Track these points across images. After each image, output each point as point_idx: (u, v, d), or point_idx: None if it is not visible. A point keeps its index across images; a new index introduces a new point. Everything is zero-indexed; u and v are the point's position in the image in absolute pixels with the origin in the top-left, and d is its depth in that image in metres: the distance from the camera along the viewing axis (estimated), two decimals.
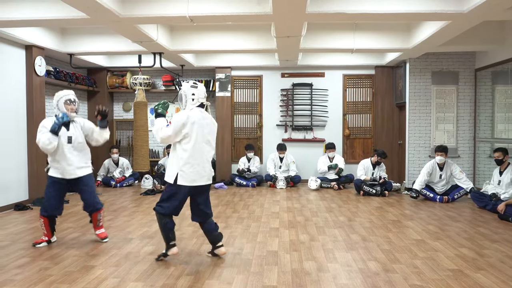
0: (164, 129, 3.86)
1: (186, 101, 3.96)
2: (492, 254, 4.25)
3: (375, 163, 7.98)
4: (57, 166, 4.46)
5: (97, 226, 4.70)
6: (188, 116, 3.85)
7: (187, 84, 4.01)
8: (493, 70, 7.75)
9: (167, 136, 3.85)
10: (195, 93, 3.96)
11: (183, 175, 3.84)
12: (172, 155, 3.96)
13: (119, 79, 9.77)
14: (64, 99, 4.47)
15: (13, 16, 5.54)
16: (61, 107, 4.47)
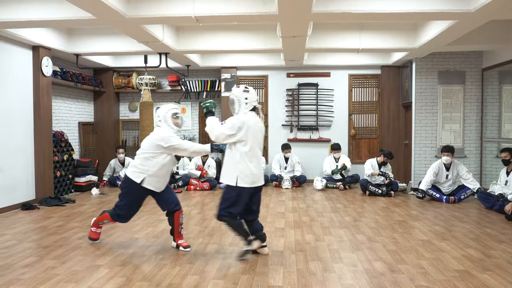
0: (219, 127, 3.94)
1: (239, 106, 4.04)
2: (499, 255, 4.22)
3: (381, 163, 7.95)
4: (155, 180, 4.24)
5: (179, 234, 4.43)
6: (243, 121, 3.93)
7: (239, 89, 4.09)
8: (500, 69, 7.70)
9: (223, 134, 3.92)
10: (248, 97, 4.04)
11: (244, 177, 3.92)
12: (228, 157, 4.01)
13: (125, 79, 9.80)
14: (172, 112, 4.35)
15: (20, 17, 5.57)
16: (168, 120, 4.34)
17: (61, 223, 5.60)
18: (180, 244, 4.38)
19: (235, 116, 4.02)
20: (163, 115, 4.32)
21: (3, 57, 6.40)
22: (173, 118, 4.34)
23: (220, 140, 3.98)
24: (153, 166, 4.20)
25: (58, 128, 8.21)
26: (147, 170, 4.19)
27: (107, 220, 4.45)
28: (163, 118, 4.32)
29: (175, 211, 4.37)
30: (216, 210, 4.13)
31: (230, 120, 3.96)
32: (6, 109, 6.44)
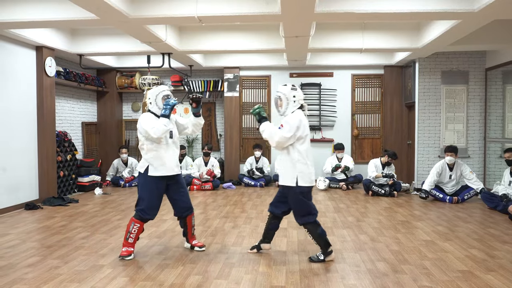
0: (278, 132, 3.86)
1: (287, 104, 3.98)
2: (502, 255, 4.20)
3: (385, 163, 7.94)
4: (159, 163, 4.06)
5: (193, 235, 4.39)
6: (300, 119, 3.89)
7: (286, 87, 4.03)
8: (503, 69, 7.67)
9: (285, 139, 3.84)
10: (296, 95, 3.99)
11: (303, 176, 3.88)
12: (285, 158, 3.94)
13: (128, 80, 9.83)
14: (162, 94, 4.16)
15: (23, 17, 5.59)
16: (159, 102, 4.15)
17: (64, 223, 5.62)
18: (195, 245, 4.35)
19: (290, 116, 3.92)
20: (153, 99, 4.16)
21: (6, 57, 6.42)
22: (163, 100, 4.16)
23: (282, 145, 3.88)
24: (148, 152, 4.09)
25: (62, 128, 8.24)
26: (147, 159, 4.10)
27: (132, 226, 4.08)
28: (154, 102, 4.16)
29: (187, 216, 4.30)
30: (295, 216, 4.02)
31: (286, 122, 3.87)
32: (10, 109, 6.47)
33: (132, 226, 4.07)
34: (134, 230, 4.07)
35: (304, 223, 3.98)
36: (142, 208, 4.07)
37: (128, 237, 4.07)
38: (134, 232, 4.07)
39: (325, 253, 3.99)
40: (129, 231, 4.07)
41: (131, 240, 4.08)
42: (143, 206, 4.06)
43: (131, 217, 4.12)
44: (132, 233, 4.07)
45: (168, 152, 4.13)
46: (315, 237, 3.98)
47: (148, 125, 4.00)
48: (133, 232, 4.07)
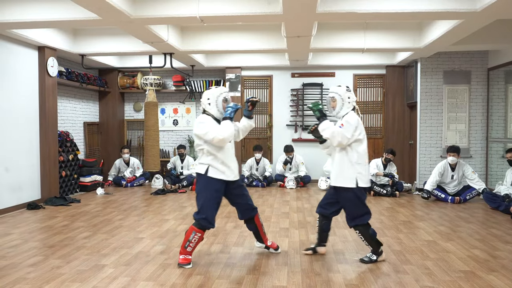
0: (340, 131, 3.81)
1: (342, 105, 3.95)
2: (505, 255, 4.19)
3: (386, 161, 7.94)
4: (221, 166, 3.86)
5: (265, 234, 4.26)
6: (357, 119, 3.89)
7: (342, 88, 4.00)
8: (506, 69, 7.65)
9: (346, 138, 3.81)
10: (350, 97, 3.97)
11: (362, 177, 3.87)
12: (344, 159, 3.89)
13: (130, 80, 9.83)
14: (223, 96, 3.96)
15: (25, 17, 5.61)
16: (220, 104, 3.93)
17: (66, 223, 5.63)
18: (270, 246, 4.26)
19: (349, 116, 3.89)
20: (214, 100, 3.93)
21: (9, 57, 6.44)
22: (223, 102, 3.96)
23: (342, 145, 3.84)
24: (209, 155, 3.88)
25: (64, 128, 8.25)
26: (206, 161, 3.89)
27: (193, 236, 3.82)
28: (215, 103, 3.93)
29: (254, 215, 4.14)
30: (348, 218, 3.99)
31: (347, 122, 3.84)
32: (12, 109, 6.48)
33: (193, 235, 3.80)
34: (194, 240, 3.82)
35: (356, 225, 3.94)
36: (204, 217, 3.79)
37: (187, 246, 3.83)
38: (194, 241, 3.82)
39: (377, 253, 3.98)
40: (188, 240, 3.81)
41: (189, 249, 3.85)
42: (206, 215, 3.79)
43: (191, 226, 3.84)
44: (192, 242, 3.82)
45: (228, 155, 3.94)
46: (367, 238, 3.94)
47: (208, 128, 3.78)
48: (193, 241, 3.82)
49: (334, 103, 3.99)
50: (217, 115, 3.94)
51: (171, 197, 7.65)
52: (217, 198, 3.88)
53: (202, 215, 3.80)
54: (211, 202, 3.83)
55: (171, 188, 8.29)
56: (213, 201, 3.84)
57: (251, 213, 4.12)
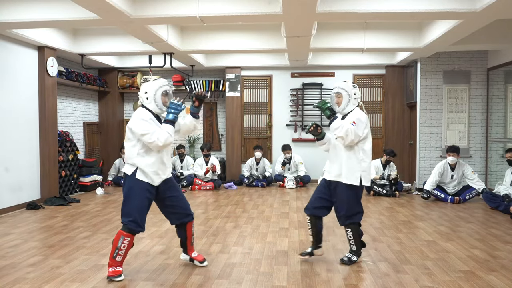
0: (352, 129, 3.71)
1: (348, 101, 3.88)
2: (504, 255, 4.19)
3: (385, 162, 7.94)
4: (153, 169, 3.53)
5: (192, 245, 3.87)
6: (366, 117, 3.85)
7: (348, 84, 3.93)
8: (506, 69, 7.66)
9: (358, 137, 3.74)
10: (356, 93, 3.91)
11: (366, 175, 3.83)
12: (351, 157, 3.81)
13: (129, 80, 9.84)
14: (162, 90, 3.64)
15: (25, 17, 5.60)
16: (159, 99, 3.61)
17: (66, 223, 5.62)
18: (195, 258, 3.86)
19: (359, 114, 3.82)
20: (152, 94, 3.60)
21: (8, 57, 6.43)
22: (162, 96, 3.65)
23: (354, 143, 3.76)
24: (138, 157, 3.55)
25: (63, 128, 8.25)
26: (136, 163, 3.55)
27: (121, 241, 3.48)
28: (153, 98, 3.60)
29: (187, 222, 3.78)
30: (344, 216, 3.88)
31: (359, 119, 3.77)
32: (12, 109, 6.47)
33: (122, 241, 3.45)
34: (123, 246, 3.46)
35: (350, 223, 3.89)
36: (133, 220, 3.46)
37: (116, 255, 3.47)
38: (124, 248, 3.47)
39: (358, 255, 3.96)
40: (117, 248, 3.46)
41: (119, 258, 3.49)
42: (134, 217, 3.46)
43: (119, 231, 3.51)
44: (122, 249, 3.47)
45: (160, 158, 3.58)
46: (355, 237, 3.90)
47: (148, 129, 3.45)
48: (122, 248, 3.46)
49: (339, 99, 3.91)
50: (156, 110, 3.61)
51: None
52: (146, 199, 3.54)
53: (129, 217, 3.47)
54: (140, 204, 3.50)
55: None
56: (142, 203, 3.51)
57: (185, 218, 3.75)
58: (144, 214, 3.55)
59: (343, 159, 3.87)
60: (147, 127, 3.47)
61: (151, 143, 3.45)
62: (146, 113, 3.58)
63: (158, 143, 3.45)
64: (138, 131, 3.48)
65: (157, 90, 3.62)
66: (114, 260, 3.50)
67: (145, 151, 3.54)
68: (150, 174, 3.52)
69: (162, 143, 3.45)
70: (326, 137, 4.04)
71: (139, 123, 3.49)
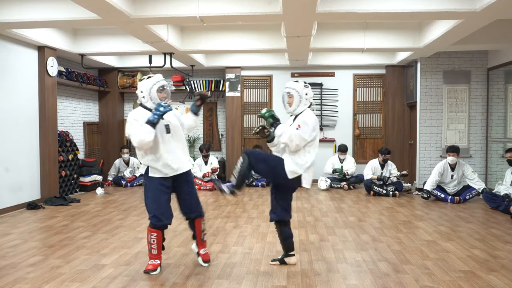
0: (296, 134, 3.60)
1: (299, 101, 3.78)
2: (504, 255, 4.19)
3: (383, 162, 7.95)
4: (159, 164, 3.62)
5: (202, 240, 3.93)
6: (315, 118, 3.74)
7: (299, 84, 3.83)
8: (506, 69, 7.66)
9: (305, 141, 3.62)
10: (308, 93, 3.81)
11: (307, 177, 3.74)
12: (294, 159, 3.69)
13: (129, 79, 9.84)
14: (158, 85, 3.66)
15: (25, 17, 5.60)
16: (154, 96, 3.63)
17: (66, 223, 5.63)
18: (201, 255, 3.92)
19: (306, 116, 3.70)
20: (147, 92, 3.65)
21: (8, 57, 6.43)
22: (158, 93, 3.67)
23: (300, 147, 3.63)
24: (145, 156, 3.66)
25: (63, 128, 8.25)
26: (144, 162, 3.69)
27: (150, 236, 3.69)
28: (147, 94, 3.65)
29: (195, 218, 3.88)
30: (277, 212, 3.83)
31: (304, 123, 3.64)
32: (12, 109, 6.47)
33: (150, 236, 3.68)
34: (153, 240, 3.67)
35: (279, 220, 3.80)
36: (154, 215, 3.64)
37: (151, 249, 3.69)
38: (154, 242, 3.67)
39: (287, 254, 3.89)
40: (149, 242, 3.70)
41: (154, 251, 3.69)
42: (154, 213, 3.64)
43: (147, 227, 3.74)
44: (153, 243, 3.67)
45: (167, 150, 3.63)
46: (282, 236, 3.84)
47: (131, 131, 3.54)
48: (153, 242, 3.67)
49: (290, 99, 3.81)
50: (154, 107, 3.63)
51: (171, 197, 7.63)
52: (164, 194, 3.67)
53: (150, 214, 3.66)
54: (158, 200, 3.65)
55: None
56: (159, 199, 3.65)
57: (193, 214, 3.85)
58: (163, 208, 3.66)
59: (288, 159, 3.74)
60: (131, 128, 3.56)
61: (133, 142, 3.54)
62: (135, 114, 3.64)
63: (135, 144, 3.51)
64: (127, 132, 3.63)
65: (151, 88, 3.64)
66: (151, 253, 3.72)
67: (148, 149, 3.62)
68: (160, 168, 3.61)
69: (137, 143, 3.49)
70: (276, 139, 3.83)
71: (127, 126, 3.61)
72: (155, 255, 3.70)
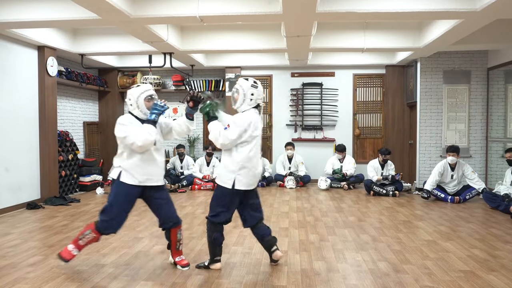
0: (223, 133, 3.54)
1: (243, 100, 3.67)
2: (504, 255, 4.19)
3: (383, 162, 7.96)
4: (139, 170, 3.60)
5: (177, 250, 3.87)
6: (250, 120, 3.60)
7: (247, 82, 3.70)
8: (506, 69, 7.65)
9: (231, 141, 3.54)
10: (254, 93, 3.68)
11: (241, 179, 3.61)
12: (226, 159, 3.65)
13: (129, 79, 9.84)
14: (145, 95, 3.65)
15: (25, 17, 5.60)
16: (141, 105, 3.64)
17: (66, 223, 5.62)
18: (178, 262, 3.85)
19: (239, 116, 3.64)
20: (135, 100, 3.65)
21: (8, 57, 6.43)
22: (146, 102, 3.66)
23: (228, 147, 3.59)
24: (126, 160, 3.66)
25: (63, 127, 8.25)
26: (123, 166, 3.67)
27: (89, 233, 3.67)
28: (135, 104, 3.65)
29: (170, 227, 3.83)
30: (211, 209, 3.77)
31: (234, 122, 3.58)
32: (12, 108, 6.47)
33: (89, 233, 3.64)
34: (87, 238, 3.65)
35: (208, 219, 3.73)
36: (106, 220, 3.59)
37: (80, 239, 3.68)
38: (87, 239, 3.65)
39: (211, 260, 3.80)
40: (83, 234, 3.66)
41: (81, 242, 3.68)
42: (108, 218, 3.59)
43: (92, 222, 3.69)
44: (85, 238, 3.66)
45: (149, 161, 3.63)
46: (209, 239, 3.74)
47: (127, 131, 3.54)
48: (85, 238, 3.65)
49: (237, 96, 3.72)
50: (141, 116, 3.66)
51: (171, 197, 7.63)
52: (129, 204, 3.68)
53: (105, 217, 3.61)
54: (121, 209, 3.63)
55: (170, 187, 8.29)
56: (123, 209, 3.64)
57: (169, 224, 3.80)
58: (121, 219, 3.65)
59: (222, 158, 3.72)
60: (126, 129, 3.55)
61: (131, 144, 3.51)
62: (126, 118, 3.66)
63: (138, 143, 3.48)
64: (119, 135, 3.58)
65: (138, 96, 3.65)
66: (78, 243, 3.69)
67: (130, 153, 3.61)
68: (135, 174, 3.60)
69: (142, 142, 3.48)
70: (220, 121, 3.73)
71: (118, 128, 3.59)
72: (80, 245, 3.69)
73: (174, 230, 3.83)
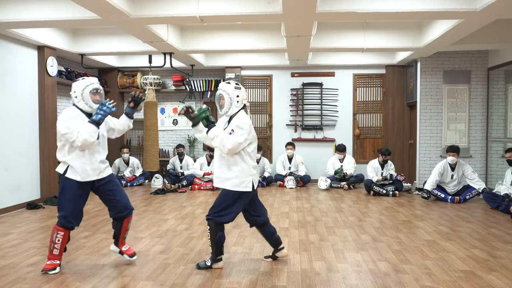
0: (231, 138, 3.54)
1: (230, 104, 3.69)
2: (504, 255, 4.19)
3: (383, 162, 7.96)
4: (82, 166, 3.64)
5: (124, 238, 3.95)
6: (249, 121, 3.67)
7: (230, 85, 3.72)
8: (506, 68, 7.65)
9: (238, 145, 3.55)
10: (240, 95, 3.71)
11: (255, 179, 3.72)
12: (239, 163, 3.64)
13: (129, 79, 9.83)
14: (90, 88, 3.71)
15: (25, 17, 5.60)
16: (87, 97, 3.69)
17: None
18: (125, 252, 3.92)
19: (239, 119, 3.65)
20: (80, 93, 3.69)
21: (8, 57, 6.43)
22: (92, 94, 3.73)
23: (234, 152, 3.58)
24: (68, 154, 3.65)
25: None
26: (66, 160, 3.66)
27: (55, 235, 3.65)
28: (80, 96, 3.68)
29: (124, 217, 3.87)
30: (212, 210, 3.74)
31: (238, 126, 3.59)
32: (12, 108, 6.47)
33: (56, 235, 3.63)
34: (58, 240, 3.63)
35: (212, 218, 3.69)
36: (64, 215, 3.63)
37: (53, 249, 3.64)
38: (59, 242, 3.63)
39: (213, 259, 3.78)
40: (53, 241, 3.63)
41: (56, 251, 3.65)
42: (66, 214, 3.63)
43: (54, 225, 3.69)
44: (57, 243, 3.63)
45: (91, 155, 3.69)
46: (212, 238, 3.71)
47: (71, 127, 3.54)
48: (57, 242, 3.63)
49: (222, 101, 3.72)
50: (86, 108, 3.70)
51: (171, 197, 7.65)
52: (81, 198, 3.71)
53: (61, 213, 3.65)
54: (74, 202, 3.67)
55: (170, 187, 8.29)
56: (75, 201, 3.67)
57: (123, 213, 3.85)
58: (77, 211, 3.71)
59: (230, 163, 3.67)
60: (68, 125, 3.57)
61: (72, 142, 3.56)
62: (70, 112, 3.68)
63: (77, 143, 3.54)
64: (60, 130, 3.59)
65: (84, 89, 3.71)
66: (52, 253, 3.67)
67: (70, 147, 3.63)
68: (80, 172, 3.64)
69: (81, 143, 3.53)
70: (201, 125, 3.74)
71: (60, 123, 3.60)
72: (56, 255, 3.67)
73: (127, 220, 3.90)
